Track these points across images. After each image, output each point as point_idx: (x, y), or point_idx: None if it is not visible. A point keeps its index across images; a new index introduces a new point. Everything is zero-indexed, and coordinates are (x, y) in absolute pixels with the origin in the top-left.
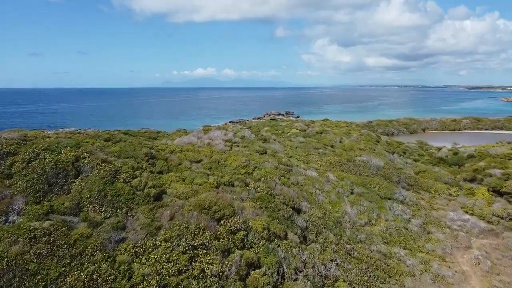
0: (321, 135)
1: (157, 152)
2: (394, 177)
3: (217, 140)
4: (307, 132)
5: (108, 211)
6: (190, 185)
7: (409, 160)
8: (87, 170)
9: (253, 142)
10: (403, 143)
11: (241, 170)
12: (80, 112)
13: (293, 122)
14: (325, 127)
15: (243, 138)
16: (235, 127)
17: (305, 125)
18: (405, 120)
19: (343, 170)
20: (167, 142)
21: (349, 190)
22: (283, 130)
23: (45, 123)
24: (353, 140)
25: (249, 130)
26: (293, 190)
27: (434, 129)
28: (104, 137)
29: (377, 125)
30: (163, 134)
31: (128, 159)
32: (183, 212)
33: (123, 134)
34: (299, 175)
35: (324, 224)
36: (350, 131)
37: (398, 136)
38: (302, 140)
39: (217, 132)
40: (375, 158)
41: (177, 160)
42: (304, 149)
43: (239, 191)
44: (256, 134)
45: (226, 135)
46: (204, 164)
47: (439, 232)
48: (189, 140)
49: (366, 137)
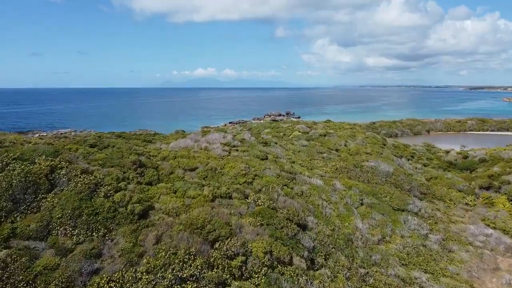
0: (325, 138)
1: (148, 159)
2: (406, 184)
3: (215, 144)
4: (310, 134)
5: (82, 234)
6: (182, 198)
7: (419, 165)
8: (63, 183)
9: (253, 146)
10: (410, 146)
11: (239, 179)
12: (80, 112)
13: (295, 123)
14: (328, 129)
15: (242, 141)
16: (235, 129)
17: (307, 127)
18: (408, 121)
19: (350, 177)
20: (161, 147)
21: (359, 201)
22: (285, 133)
23: (42, 124)
24: (358, 144)
25: (249, 132)
26: (298, 202)
27: (438, 131)
28: (89, 142)
29: (380, 126)
30: (159, 137)
31: (113, 168)
32: (172, 233)
33: (116, 137)
34: (304, 184)
35: (334, 243)
36: (354, 133)
37: (402, 138)
38: (305, 144)
39: (216, 134)
40: (383, 163)
41: (169, 168)
42: (308, 153)
43: (238, 204)
44: (257, 137)
45: (225, 138)
46: (199, 172)
47: (462, 250)
48: (185, 144)
49: (372, 140)
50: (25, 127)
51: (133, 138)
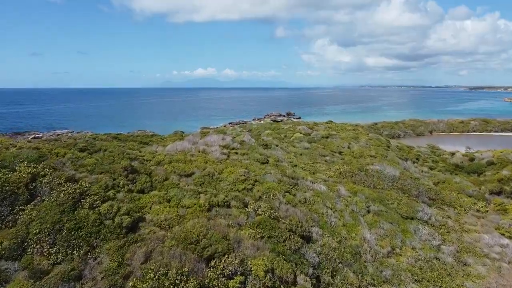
0: (327, 140)
1: (141, 164)
2: (413, 189)
3: (214, 146)
4: (312, 136)
5: (61, 252)
6: (176, 208)
7: (425, 168)
8: (45, 193)
9: (253, 149)
10: (414, 147)
11: (238, 186)
12: (79, 112)
13: (296, 124)
14: (330, 131)
15: (242, 143)
16: (234, 130)
17: (309, 128)
18: (411, 122)
19: (355, 181)
20: (156, 150)
21: (365, 208)
22: (286, 134)
23: (41, 124)
24: (362, 146)
25: (249, 134)
26: (301, 210)
27: (441, 131)
28: (80, 146)
29: (383, 127)
30: (157, 138)
31: (102, 174)
32: (163, 249)
33: (112, 139)
34: (307, 190)
35: (341, 257)
36: (357, 135)
37: (404, 139)
38: (307, 146)
39: (214, 136)
40: (389, 167)
41: (163, 174)
42: (310, 156)
43: (236, 214)
44: (257, 139)
45: (224, 140)
46: (195, 178)
47: (478, 263)
48: (182, 147)
49: (376, 141)
50: (23, 128)
51: (129, 140)
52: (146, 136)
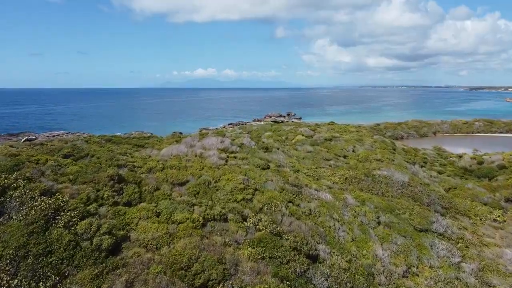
0: (331, 143)
1: (130, 171)
2: (424, 197)
3: (211, 150)
4: (314, 139)
5: (23, 285)
6: (166, 224)
7: (433, 172)
8: (13, 209)
9: (253, 152)
10: (420, 150)
11: (237, 196)
12: (78, 113)
13: (297, 126)
14: (333, 133)
15: (241, 146)
16: (234, 132)
17: (311, 130)
18: (414, 123)
19: (362, 188)
20: (150, 154)
21: (375, 219)
22: (287, 136)
23: (38, 125)
24: (367, 149)
25: (249, 136)
26: (306, 224)
27: (445, 132)
28: (64, 152)
29: (385, 128)
30: (153, 141)
31: (85, 185)
32: (148, 276)
33: (105, 142)
34: (311, 200)
35: (352, 280)
36: (362, 137)
37: (408, 140)
38: (309, 149)
39: (213, 139)
40: (397, 172)
41: (154, 183)
42: (313, 160)
43: (234, 229)
44: (257, 141)
45: (223, 142)
46: (189, 188)
47: (504, 284)
48: (178, 151)
49: (381, 144)
50: (19, 128)
51: (123, 143)
52: (143, 138)
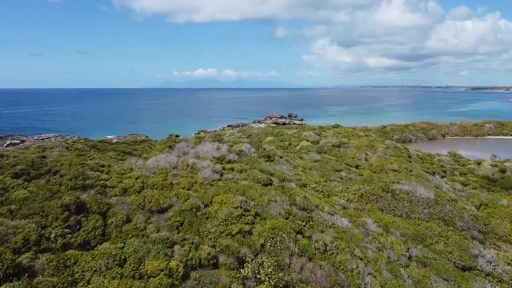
0: (340, 150)
1: (97, 195)
2: (457, 219)
3: (205, 160)
4: (321, 145)
5: None
6: (131, 280)
7: (457, 184)
8: None
9: (253, 162)
10: (434, 155)
11: (232, 226)
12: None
13: (301, 129)
14: (341, 138)
15: (240, 154)
16: (232, 136)
17: (316, 134)
18: (422, 125)
19: (382, 208)
20: (135, 165)
21: (405, 254)
22: (290, 142)
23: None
24: (380, 157)
25: (248, 140)
26: (321, 268)
27: (454, 135)
28: (18, 168)
29: (392, 130)
30: (143, 147)
31: (28, 219)
32: None
33: (88, 149)
34: (325, 228)
35: None
36: (372, 142)
37: (416, 143)
38: (316, 158)
39: (208, 145)
40: (419, 186)
41: (126, 211)
42: (322, 171)
43: (227, 281)
44: (257, 148)
45: (219, 150)
46: (172, 216)
47: None
48: (166, 162)
49: (395, 151)
50: (12, 130)
51: (109, 149)
52: (134, 143)
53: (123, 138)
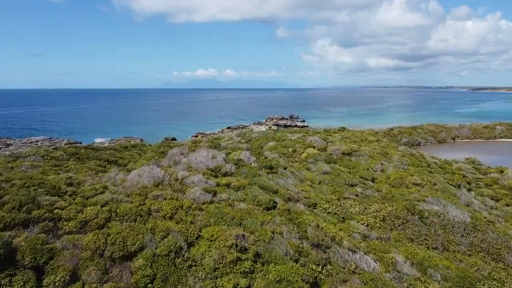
0: (351, 159)
1: (28, 245)
2: (504, 250)
3: (197, 174)
4: (329, 152)
5: None
6: None
7: (488, 199)
8: None
9: (253, 176)
10: (451, 162)
11: (223, 281)
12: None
13: (305, 134)
14: (350, 143)
15: (238, 163)
16: (231, 141)
17: (322, 139)
18: (430, 127)
19: (411, 237)
20: (115, 179)
21: None
22: (295, 148)
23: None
24: (398, 167)
25: (248, 146)
26: None
27: (465, 137)
28: None
29: (400, 133)
30: (131, 154)
31: None
32: None
33: (67, 157)
34: (347, 275)
35: None
36: (385, 149)
37: (425, 147)
38: (326, 169)
39: (203, 153)
40: (450, 205)
41: (72, 263)
42: (333, 186)
43: None
44: (258, 156)
45: (215, 158)
46: (140, 267)
47: None
48: (151, 176)
49: (412, 159)
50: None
51: (92, 157)
52: (123, 149)
53: (116, 141)
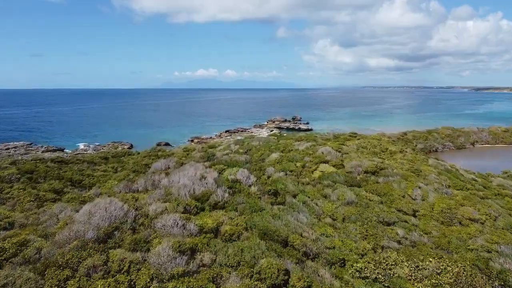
0: (378, 181)
1: None
2: None
3: (172, 214)
4: (349, 170)
5: None
6: None
7: None
8: None
9: (253, 212)
10: (488, 177)
11: None
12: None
13: (314, 142)
14: (368, 155)
15: (233, 186)
16: (227, 151)
17: (335, 150)
18: (446, 131)
19: None
20: (57, 218)
21: None
22: (304, 163)
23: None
24: (439, 190)
25: (247, 158)
26: None
27: (484, 142)
28: None
29: (414, 138)
30: (104, 172)
31: None
32: None
33: (19, 177)
34: None
35: None
36: (414, 163)
37: (443, 154)
38: (350, 198)
39: (190, 170)
40: None
41: None
42: (363, 226)
43: None
44: (259, 173)
45: (203, 180)
46: None
47: None
48: (107, 215)
49: (452, 178)
50: None
51: (52, 176)
52: (100, 160)
53: (101, 147)
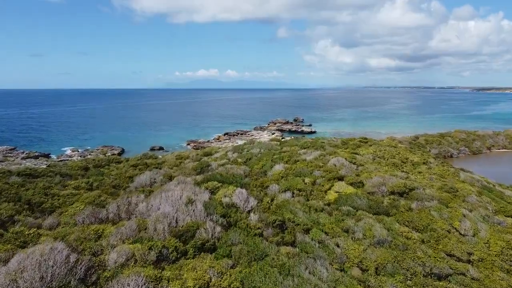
0: (411, 207)
1: None
2: None
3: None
4: (370, 190)
5: None
6: None
7: None
8: None
9: (251, 260)
10: None
11: None
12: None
13: (323, 151)
14: (387, 167)
15: (227, 215)
16: (223, 160)
17: (349, 161)
18: (460, 134)
19: None
20: None
21: None
22: (314, 179)
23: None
24: (488, 220)
25: (246, 170)
26: None
27: (501, 147)
28: None
29: (427, 142)
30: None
31: None
32: None
33: None
34: None
35: None
36: (445, 178)
37: (459, 160)
38: (380, 235)
39: (175, 192)
40: None
41: None
42: (404, 282)
43: None
44: (260, 193)
45: (190, 205)
46: None
47: None
48: (39, 275)
49: (496, 199)
50: None
51: (7, 197)
52: (79, 170)
53: (90, 152)
